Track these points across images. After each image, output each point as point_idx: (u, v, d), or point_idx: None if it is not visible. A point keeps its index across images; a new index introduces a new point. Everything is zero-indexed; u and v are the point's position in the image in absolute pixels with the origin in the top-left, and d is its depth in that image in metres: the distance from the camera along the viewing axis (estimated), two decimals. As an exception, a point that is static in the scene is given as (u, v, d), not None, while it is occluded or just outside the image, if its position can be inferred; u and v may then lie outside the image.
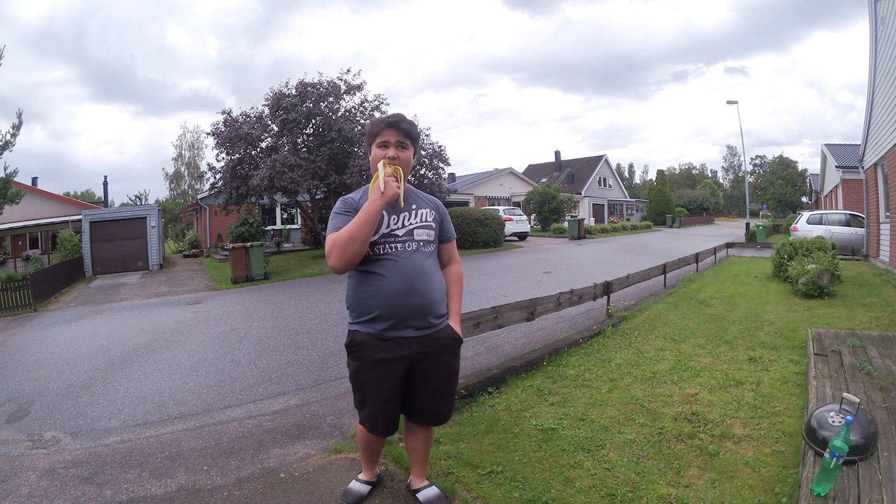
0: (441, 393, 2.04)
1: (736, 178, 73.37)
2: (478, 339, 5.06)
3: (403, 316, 1.89)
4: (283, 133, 13.76)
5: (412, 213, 1.99)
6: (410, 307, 1.88)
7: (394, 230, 1.93)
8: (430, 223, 2.01)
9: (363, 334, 1.94)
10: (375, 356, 1.92)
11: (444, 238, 2.10)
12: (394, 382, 1.94)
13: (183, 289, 11.41)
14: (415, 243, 1.94)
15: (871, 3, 10.12)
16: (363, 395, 2.00)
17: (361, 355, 1.95)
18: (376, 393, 1.96)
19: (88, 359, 5.42)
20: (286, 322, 6.77)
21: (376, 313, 1.90)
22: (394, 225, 1.94)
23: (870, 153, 11.24)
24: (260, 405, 3.78)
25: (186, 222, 33.70)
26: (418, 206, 2.02)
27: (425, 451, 2.23)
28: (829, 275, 6.70)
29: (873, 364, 3.39)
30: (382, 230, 1.92)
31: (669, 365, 3.95)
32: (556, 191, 27.37)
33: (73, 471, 2.82)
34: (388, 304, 1.88)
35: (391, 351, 1.91)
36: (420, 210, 2.01)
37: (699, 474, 2.37)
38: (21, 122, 11.44)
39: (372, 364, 1.93)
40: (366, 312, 1.92)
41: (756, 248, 14.30)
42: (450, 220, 2.15)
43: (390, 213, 1.94)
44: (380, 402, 1.97)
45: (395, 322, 1.89)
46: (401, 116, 2.00)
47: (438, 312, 1.98)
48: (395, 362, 1.91)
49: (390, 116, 2.00)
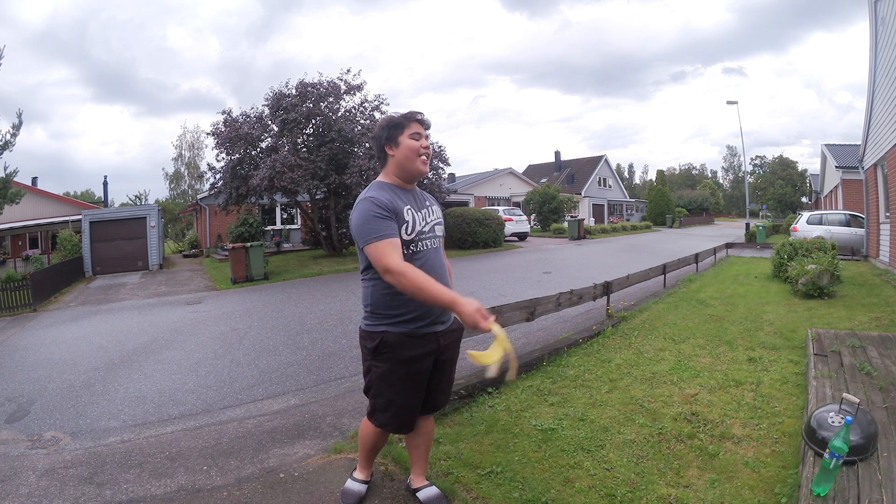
0: (449, 380, 2.20)
1: (736, 179, 73.43)
2: (477, 340, 5.05)
3: (435, 312, 1.94)
4: (283, 133, 13.76)
5: (430, 211, 2.04)
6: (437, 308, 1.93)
7: (422, 228, 1.96)
8: (442, 219, 2.12)
9: (394, 334, 1.92)
10: (409, 354, 1.93)
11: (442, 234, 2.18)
12: (425, 377, 2.00)
13: (183, 289, 11.41)
14: (437, 239, 2.02)
15: (872, 3, 10.12)
16: (394, 395, 1.98)
17: (395, 355, 1.93)
18: (411, 390, 1.98)
19: (88, 359, 5.42)
20: (286, 322, 6.77)
21: (416, 313, 1.91)
22: (421, 223, 1.96)
23: (870, 153, 11.25)
24: (260, 405, 3.78)
25: (186, 222, 33.70)
26: (431, 203, 2.08)
27: (427, 447, 2.25)
28: (829, 275, 6.70)
29: (873, 364, 3.39)
30: (418, 228, 1.94)
31: (669, 365, 3.95)
32: (556, 191, 27.39)
33: (73, 471, 2.82)
34: (421, 305, 1.89)
35: (423, 346, 1.95)
36: (433, 206, 2.08)
37: (699, 474, 2.37)
38: (21, 121, 11.45)
39: (406, 362, 1.94)
40: (404, 313, 1.91)
41: (756, 248, 14.29)
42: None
43: (418, 209, 1.97)
44: (412, 399, 2.00)
45: (429, 319, 1.94)
46: (423, 113, 2.03)
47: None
48: (427, 357, 1.97)
49: (414, 112, 2.01)
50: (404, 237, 1.88)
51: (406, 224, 1.90)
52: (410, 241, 1.91)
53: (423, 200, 2.04)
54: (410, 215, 1.93)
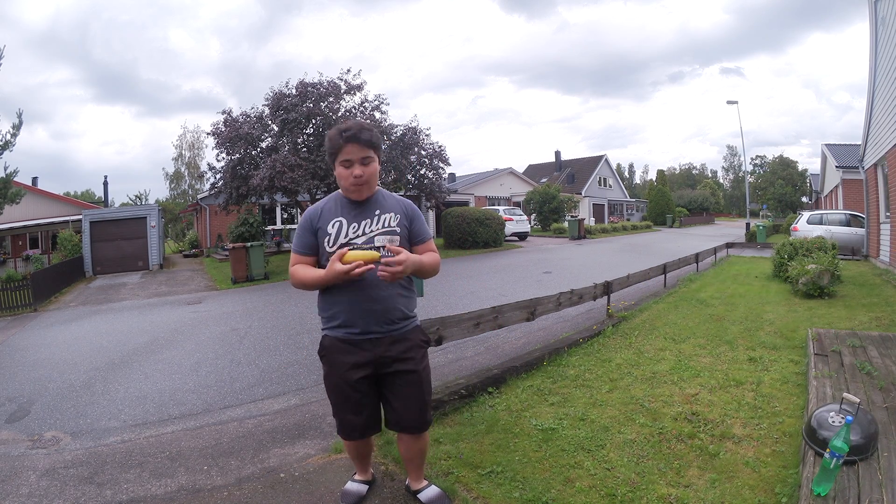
0: (414, 400, 1.99)
1: (736, 178, 73.37)
2: (478, 339, 5.06)
3: (366, 321, 1.92)
4: (284, 133, 13.77)
5: (374, 220, 1.94)
6: (370, 313, 1.91)
7: (352, 239, 1.91)
8: (394, 228, 1.95)
9: (330, 338, 1.99)
10: (341, 359, 1.95)
11: (416, 240, 2.02)
12: (361, 388, 1.96)
13: (183, 289, 11.41)
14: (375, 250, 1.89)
15: (872, 3, 10.11)
16: (334, 399, 2.03)
17: (329, 359, 1.99)
18: (344, 397, 1.98)
19: (88, 359, 5.42)
20: (286, 322, 6.77)
21: (340, 320, 1.94)
22: (353, 233, 1.92)
23: (870, 153, 11.24)
24: (260, 405, 3.78)
25: (186, 222, 33.70)
26: (382, 211, 1.96)
27: (419, 461, 2.20)
28: (830, 275, 6.70)
29: (873, 364, 3.39)
30: (340, 240, 1.91)
31: (669, 365, 3.95)
32: (557, 191, 27.37)
33: (73, 471, 2.82)
34: (349, 310, 1.91)
35: (356, 355, 1.93)
36: (384, 215, 1.96)
37: (699, 474, 2.37)
38: (21, 121, 11.44)
39: (337, 366, 1.96)
40: (332, 319, 1.97)
41: (756, 248, 14.29)
42: (422, 220, 2.06)
43: (350, 220, 1.93)
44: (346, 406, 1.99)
45: (359, 328, 1.93)
46: (359, 127, 1.88)
47: (403, 315, 1.98)
48: (360, 366, 1.94)
49: (348, 129, 1.87)
50: (327, 249, 1.91)
51: (328, 236, 1.92)
52: (332, 253, 1.88)
53: (371, 210, 1.95)
54: (335, 227, 1.92)
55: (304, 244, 1.97)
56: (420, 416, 2.03)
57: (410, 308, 2.04)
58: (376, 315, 1.91)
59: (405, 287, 2.00)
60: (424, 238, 2.05)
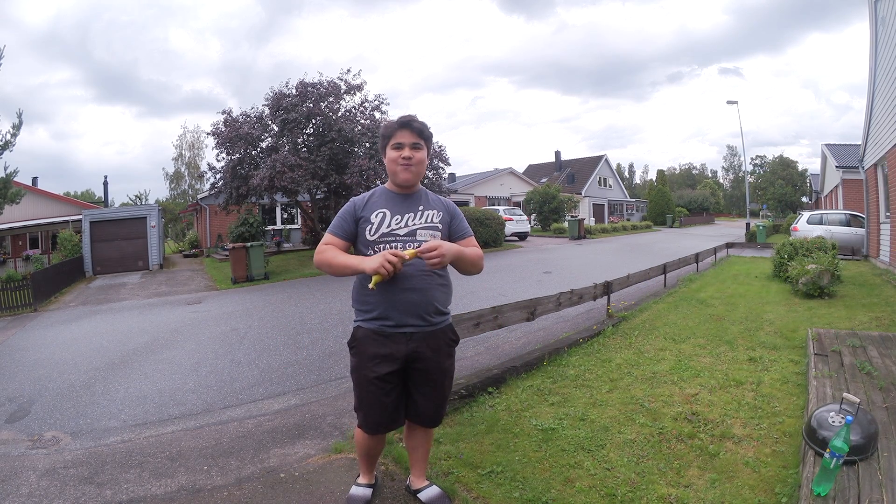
0: (437, 393, 2.06)
1: (736, 179, 73.32)
2: (478, 339, 5.06)
3: (402, 313, 1.92)
4: (284, 133, 13.76)
5: (417, 214, 2.00)
6: (407, 304, 1.91)
7: (394, 230, 1.95)
8: (437, 224, 2.01)
9: (364, 330, 1.98)
10: (373, 351, 1.94)
11: (457, 235, 2.07)
12: (392, 380, 1.96)
13: (183, 289, 11.41)
14: (416, 243, 1.94)
15: (872, 3, 10.11)
16: (362, 392, 2.00)
17: (360, 350, 1.98)
18: (374, 390, 1.96)
19: (88, 359, 5.42)
20: (286, 322, 6.77)
21: (377, 312, 1.94)
22: (395, 225, 1.96)
23: (870, 153, 11.24)
24: (260, 405, 3.78)
25: (186, 222, 33.70)
26: (426, 208, 2.03)
27: (425, 451, 2.24)
28: (830, 275, 6.70)
29: (873, 364, 3.39)
30: (382, 230, 1.94)
31: (669, 365, 3.95)
32: (557, 191, 27.36)
33: (73, 471, 2.82)
34: (386, 301, 1.91)
35: (389, 347, 1.93)
36: (427, 211, 2.02)
37: (699, 474, 2.37)
38: (21, 121, 11.43)
39: (369, 359, 1.95)
40: (368, 310, 1.97)
41: (756, 248, 14.29)
42: (463, 218, 2.12)
43: (394, 212, 1.97)
44: (376, 399, 1.97)
45: (394, 320, 1.92)
46: (413, 117, 2.00)
47: (438, 310, 1.99)
48: (392, 359, 1.93)
49: (403, 117, 2.00)
50: (368, 238, 1.95)
51: (370, 225, 1.95)
52: (373, 242, 1.94)
53: (415, 205, 2.01)
54: (378, 217, 1.95)
55: (343, 229, 1.99)
56: (437, 411, 2.09)
57: (446, 304, 2.06)
58: (413, 306, 1.92)
59: (442, 276, 2.02)
60: (466, 234, 2.09)
